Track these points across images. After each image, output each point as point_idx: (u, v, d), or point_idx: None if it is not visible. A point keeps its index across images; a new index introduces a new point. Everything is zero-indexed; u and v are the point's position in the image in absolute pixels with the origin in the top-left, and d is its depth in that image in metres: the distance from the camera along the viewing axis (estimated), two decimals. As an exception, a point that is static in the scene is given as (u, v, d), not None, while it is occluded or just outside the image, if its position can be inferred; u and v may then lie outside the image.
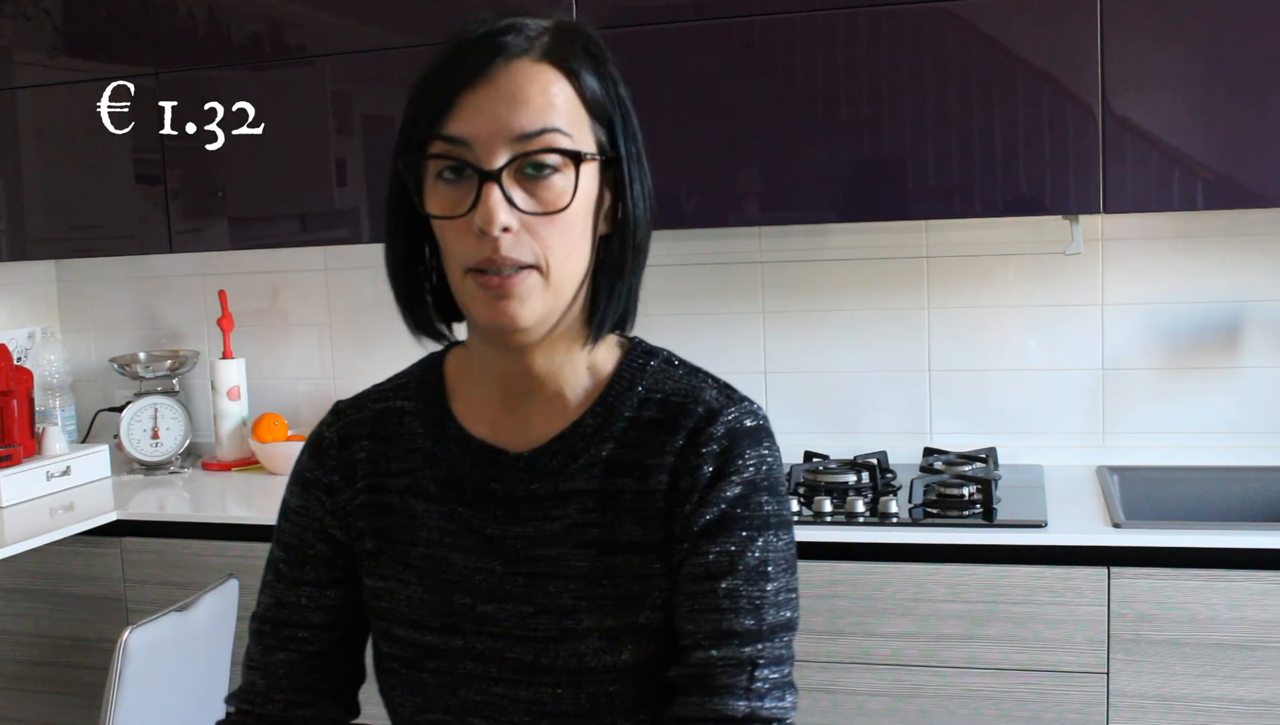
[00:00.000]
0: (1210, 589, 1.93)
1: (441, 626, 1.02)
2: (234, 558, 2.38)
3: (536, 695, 1.00)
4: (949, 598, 2.03)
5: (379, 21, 2.47)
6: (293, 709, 1.09)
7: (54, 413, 2.99)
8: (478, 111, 0.93)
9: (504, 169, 0.92)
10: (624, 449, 1.01)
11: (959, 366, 2.56)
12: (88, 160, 2.70)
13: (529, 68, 0.94)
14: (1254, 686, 1.93)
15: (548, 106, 0.93)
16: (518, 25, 0.96)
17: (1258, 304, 2.41)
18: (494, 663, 1.01)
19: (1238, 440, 2.42)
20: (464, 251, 0.94)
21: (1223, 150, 2.10)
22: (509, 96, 0.93)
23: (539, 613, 1.00)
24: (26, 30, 2.71)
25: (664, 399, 1.03)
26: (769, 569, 0.98)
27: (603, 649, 0.98)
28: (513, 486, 1.02)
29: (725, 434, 1.00)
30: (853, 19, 2.21)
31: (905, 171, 2.24)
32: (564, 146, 0.94)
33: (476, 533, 1.02)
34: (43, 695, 2.58)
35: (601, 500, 1.00)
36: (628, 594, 0.99)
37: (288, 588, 1.09)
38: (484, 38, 0.95)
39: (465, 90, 0.93)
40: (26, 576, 2.54)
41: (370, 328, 2.93)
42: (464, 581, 1.02)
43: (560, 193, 0.94)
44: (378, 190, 2.54)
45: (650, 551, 0.99)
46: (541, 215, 0.93)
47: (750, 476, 0.99)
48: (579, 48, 0.97)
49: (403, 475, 1.06)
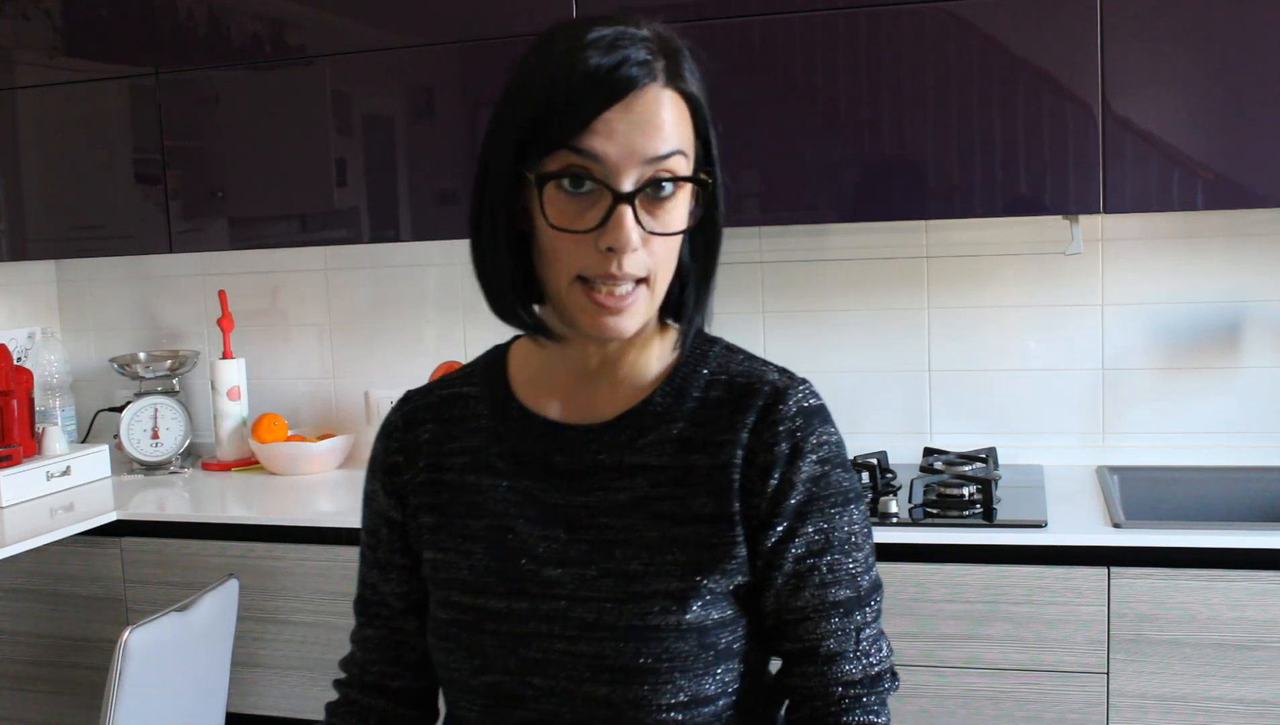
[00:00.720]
0: (1210, 589, 1.93)
1: (505, 591, 1.07)
2: (234, 558, 2.38)
3: (599, 650, 1.03)
4: (949, 598, 2.03)
5: (379, 21, 2.47)
6: (387, 679, 1.19)
7: (54, 413, 2.99)
8: (612, 132, 0.96)
9: (637, 192, 0.97)
10: (695, 427, 1.07)
11: (959, 366, 2.56)
12: (88, 160, 2.71)
13: (660, 93, 0.99)
14: (1254, 686, 1.93)
15: (674, 131, 0.99)
16: (628, 36, 0.99)
17: (1258, 304, 2.41)
18: (557, 622, 1.05)
19: (1238, 440, 2.42)
20: (580, 263, 0.99)
21: (1223, 150, 2.10)
22: (644, 122, 0.97)
23: (602, 575, 1.05)
24: (26, 30, 2.71)
25: (729, 380, 1.09)
26: (856, 539, 1.07)
27: (668, 609, 1.03)
28: (578, 458, 1.08)
29: (797, 412, 1.07)
30: (853, 19, 2.21)
31: (905, 171, 2.24)
32: (684, 172, 1.00)
33: (541, 503, 1.08)
34: (43, 695, 2.58)
35: (674, 475, 1.06)
36: (696, 560, 1.04)
37: (367, 569, 1.19)
38: (611, 56, 0.97)
39: (604, 110, 0.97)
40: (26, 576, 2.54)
41: (370, 328, 2.93)
42: (528, 548, 1.07)
43: (680, 215, 1.01)
44: (378, 190, 2.54)
45: (722, 521, 1.05)
46: (663, 235, 1.00)
47: (827, 454, 1.07)
48: (687, 68, 1.02)
49: (463, 454, 1.12)
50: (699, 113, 1.03)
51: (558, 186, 0.98)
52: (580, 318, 1.01)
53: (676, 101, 1.00)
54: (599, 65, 0.97)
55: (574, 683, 1.04)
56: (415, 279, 2.88)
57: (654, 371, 1.11)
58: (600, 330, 1.01)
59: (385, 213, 2.54)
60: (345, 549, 2.32)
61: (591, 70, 0.97)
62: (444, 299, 2.87)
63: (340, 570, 2.33)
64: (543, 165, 0.98)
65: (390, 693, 1.19)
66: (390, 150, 2.53)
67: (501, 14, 2.37)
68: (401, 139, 2.52)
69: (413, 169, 2.50)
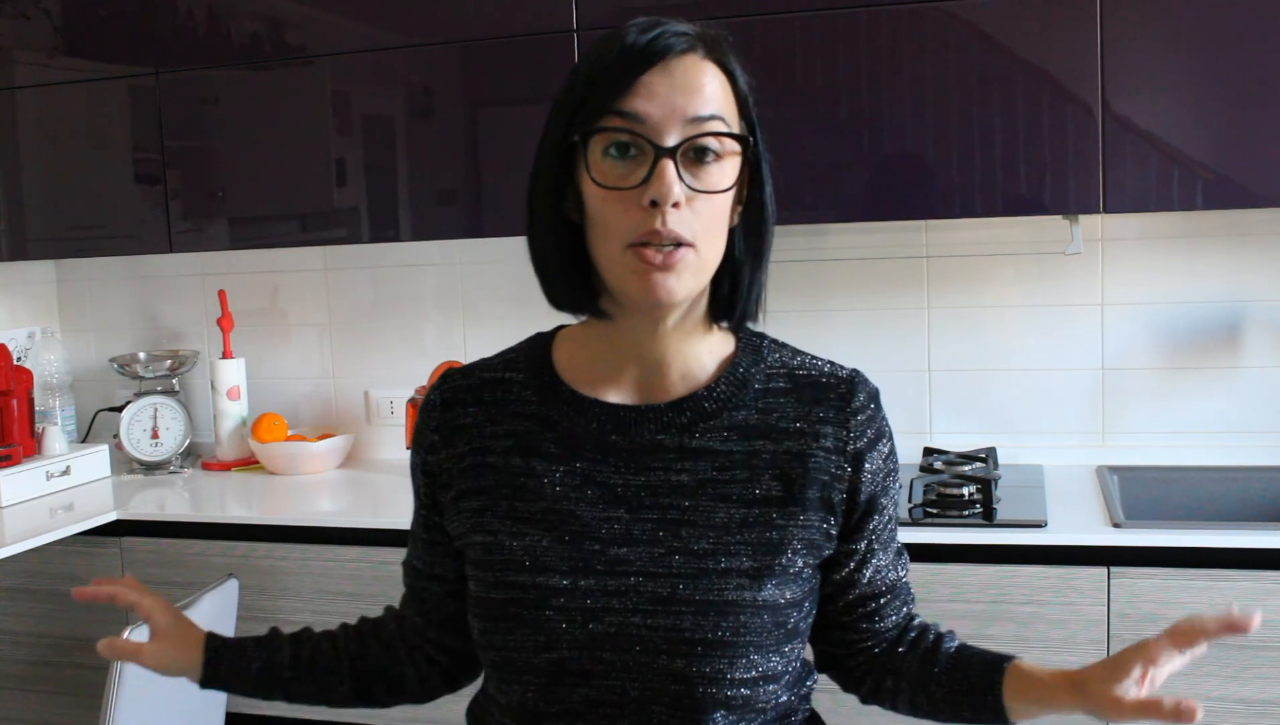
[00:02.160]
0: (1211, 589, 1.93)
1: (570, 569, 1.08)
2: (234, 558, 2.38)
3: (676, 623, 1.05)
4: (951, 598, 2.03)
5: (379, 21, 2.47)
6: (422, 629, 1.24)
7: (54, 413, 2.99)
8: (653, 94, 1.01)
9: (679, 147, 1.01)
10: (760, 415, 1.12)
11: (959, 366, 2.56)
12: (88, 160, 2.71)
13: (699, 62, 1.04)
14: (1255, 687, 1.93)
15: (715, 96, 1.04)
16: (670, 28, 1.04)
17: (1258, 304, 2.41)
18: (630, 596, 1.07)
19: (1238, 440, 2.42)
20: (628, 224, 1.01)
21: (1223, 150, 2.10)
22: (685, 85, 1.02)
23: (670, 553, 1.07)
24: (26, 30, 2.71)
25: (789, 372, 1.16)
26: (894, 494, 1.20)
27: (743, 585, 1.07)
28: (636, 436, 1.11)
29: (869, 399, 1.16)
30: (853, 19, 2.21)
31: (905, 171, 2.24)
32: (729, 131, 1.04)
33: (599, 483, 1.10)
34: (43, 695, 2.58)
35: (740, 460, 1.10)
36: (766, 540, 1.09)
37: (413, 544, 1.24)
38: (650, 33, 1.03)
39: (643, 74, 1.02)
40: (26, 576, 2.54)
41: (370, 327, 2.93)
42: (591, 530, 1.09)
43: (722, 176, 1.04)
44: (377, 190, 2.54)
45: (792, 504, 1.10)
46: (706, 193, 1.02)
47: (889, 433, 1.18)
48: (730, 54, 1.07)
49: (508, 437, 1.13)
50: (740, 92, 1.07)
51: (604, 153, 1.02)
52: (631, 282, 1.03)
53: (717, 74, 1.05)
54: (637, 40, 1.03)
55: (649, 656, 1.05)
56: (415, 279, 2.88)
57: (707, 364, 1.14)
58: (649, 290, 1.02)
59: (385, 213, 2.54)
60: (345, 549, 2.33)
61: (630, 44, 1.03)
62: (444, 299, 2.87)
63: (340, 570, 2.33)
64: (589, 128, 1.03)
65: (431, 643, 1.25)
66: (390, 150, 2.53)
67: (501, 14, 2.37)
68: (401, 139, 2.52)
69: (413, 169, 2.50)
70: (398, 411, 2.89)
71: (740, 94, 1.08)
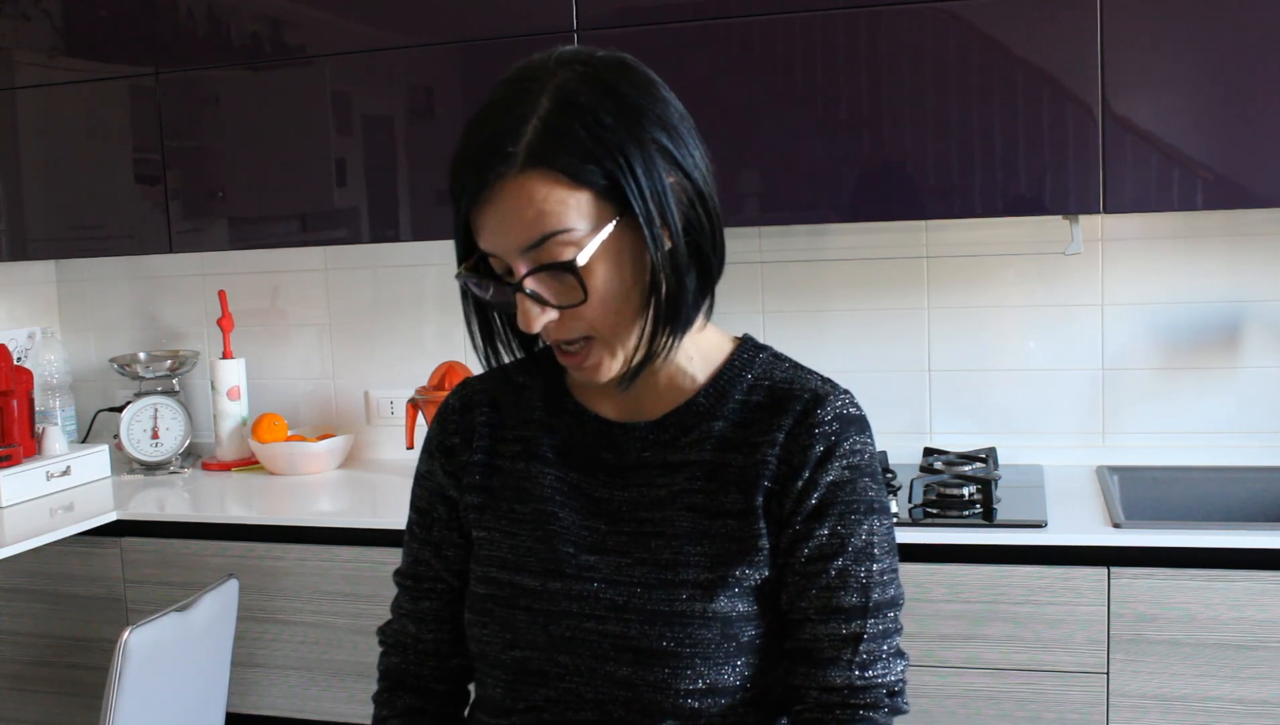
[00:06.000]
0: (1210, 589, 1.93)
1: (542, 570, 1.10)
2: (234, 558, 2.38)
3: (624, 631, 1.06)
4: (948, 598, 2.03)
5: (379, 21, 2.47)
6: (442, 646, 1.22)
7: (54, 413, 2.99)
8: (487, 231, 1.01)
9: (525, 278, 1.00)
10: (734, 428, 1.11)
11: (959, 366, 2.56)
12: (88, 160, 2.71)
13: (512, 185, 0.98)
14: (1254, 686, 1.93)
15: (539, 218, 0.98)
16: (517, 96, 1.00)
17: (1258, 304, 2.41)
18: (589, 602, 1.08)
19: (1238, 440, 2.42)
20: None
21: (1223, 150, 2.10)
22: (503, 217, 0.99)
23: (637, 563, 1.08)
24: (26, 30, 2.71)
25: (772, 386, 1.12)
26: (874, 551, 1.08)
27: (695, 597, 1.06)
28: (624, 455, 1.13)
29: (834, 418, 1.09)
30: (853, 19, 2.21)
31: (905, 171, 2.24)
32: (566, 254, 0.98)
33: (586, 495, 1.12)
34: (43, 695, 2.58)
35: (709, 471, 1.10)
36: (725, 552, 1.07)
37: (420, 547, 1.22)
38: (479, 137, 1.00)
39: (473, 209, 1.01)
40: (26, 576, 2.54)
41: (370, 328, 2.93)
42: (570, 535, 1.11)
43: (591, 273, 1.00)
44: (378, 190, 2.54)
45: (750, 516, 1.07)
46: (569, 307, 1.01)
47: (856, 462, 1.08)
48: (574, 121, 0.97)
49: (517, 442, 1.17)
50: (589, 173, 0.97)
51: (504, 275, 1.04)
52: (569, 368, 1.09)
53: (539, 184, 0.97)
54: (466, 153, 1.00)
55: (598, 661, 1.07)
56: (415, 279, 2.88)
57: (696, 374, 1.14)
58: (583, 376, 1.08)
59: (385, 213, 2.54)
60: (345, 549, 2.33)
61: (462, 158, 1.01)
62: (444, 299, 2.87)
63: (340, 570, 2.33)
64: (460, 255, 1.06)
65: (443, 656, 1.22)
66: (390, 150, 2.53)
67: (501, 14, 2.37)
68: (401, 139, 2.52)
69: (413, 169, 2.50)
70: (398, 412, 2.89)
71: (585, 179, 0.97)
